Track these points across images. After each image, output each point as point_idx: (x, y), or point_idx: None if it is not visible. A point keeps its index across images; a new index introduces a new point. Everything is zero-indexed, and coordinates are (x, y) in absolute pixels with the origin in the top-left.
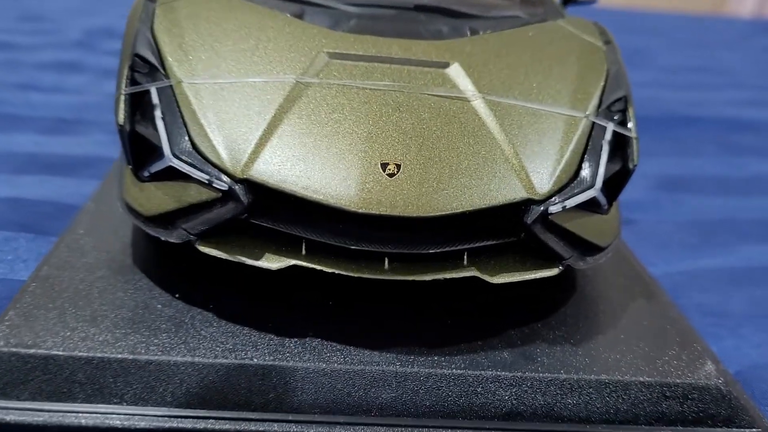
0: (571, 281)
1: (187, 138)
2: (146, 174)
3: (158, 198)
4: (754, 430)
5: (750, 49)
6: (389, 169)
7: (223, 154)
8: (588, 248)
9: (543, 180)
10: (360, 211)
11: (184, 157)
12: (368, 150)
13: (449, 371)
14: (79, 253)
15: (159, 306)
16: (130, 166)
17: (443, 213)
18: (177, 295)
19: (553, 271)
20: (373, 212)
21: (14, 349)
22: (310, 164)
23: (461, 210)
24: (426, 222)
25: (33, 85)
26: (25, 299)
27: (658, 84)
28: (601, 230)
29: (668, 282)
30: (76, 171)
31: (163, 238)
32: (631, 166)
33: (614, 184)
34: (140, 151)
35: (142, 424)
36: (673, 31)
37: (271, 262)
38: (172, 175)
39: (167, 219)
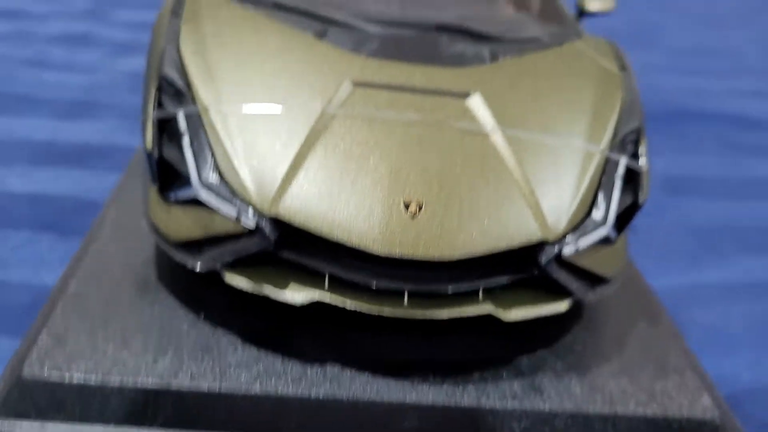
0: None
1: (215, 169)
2: (172, 197)
3: (185, 224)
4: None
5: (761, 27)
6: (412, 209)
7: (251, 189)
8: (596, 280)
9: (558, 220)
10: (383, 253)
11: (212, 189)
12: (391, 188)
13: (462, 402)
14: (104, 264)
15: (185, 327)
16: (156, 185)
17: (463, 256)
18: (202, 315)
19: (562, 306)
20: (396, 254)
21: (48, 374)
22: (335, 202)
23: (480, 253)
24: (445, 262)
25: (44, 62)
26: (55, 319)
27: (662, 68)
28: (609, 261)
29: (668, 296)
30: (94, 162)
31: (189, 266)
32: (641, 200)
33: (624, 218)
34: (167, 175)
35: None
36: (686, 4)
37: (295, 295)
38: (198, 202)
39: (193, 246)
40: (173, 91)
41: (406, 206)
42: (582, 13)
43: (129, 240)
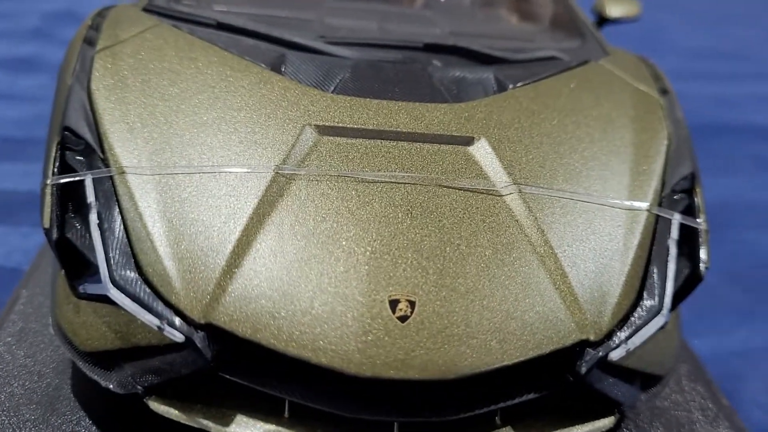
0: None
1: (131, 258)
2: (82, 290)
3: (98, 329)
4: None
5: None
6: (400, 310)
7: (179, 288)
8: (647, 381)
9: (600, 311)
10: (362, 375)
11: (128, 288)
12: (372, 281)
13: None
14: (5, 376)
15: None
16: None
17: (472, 372)
18: None
19: (606, 422)
20: (381, 376)
21: None
22: (294, 304)
23: (496, 366)
24: (449, 382)
25: None
26: None
27: (680, 74)
28: (662, 351)
29: (716, 365)
30: (20, 216)
31: (103, 384)
32: (702, 269)
33: (681, 294)
34: (73, 261)
35: None
36: (686, 4)
37: (244, 429)
38: (113, 301)
39: (110, 358)
40: (81, 145)
41: (393, 306)
42: (602, 21)
43: (40, 336)
